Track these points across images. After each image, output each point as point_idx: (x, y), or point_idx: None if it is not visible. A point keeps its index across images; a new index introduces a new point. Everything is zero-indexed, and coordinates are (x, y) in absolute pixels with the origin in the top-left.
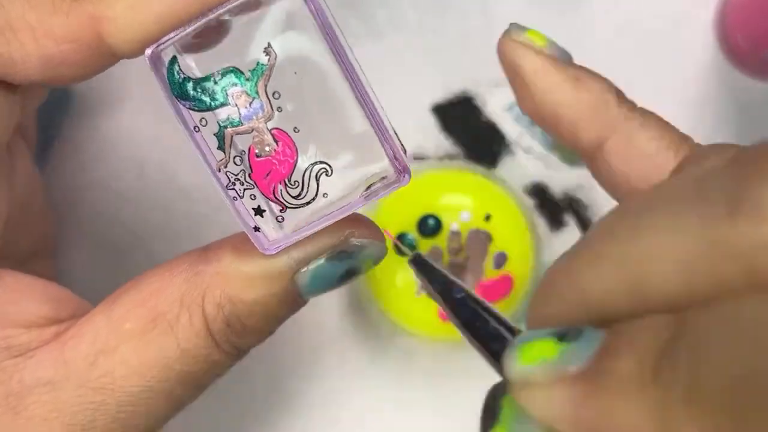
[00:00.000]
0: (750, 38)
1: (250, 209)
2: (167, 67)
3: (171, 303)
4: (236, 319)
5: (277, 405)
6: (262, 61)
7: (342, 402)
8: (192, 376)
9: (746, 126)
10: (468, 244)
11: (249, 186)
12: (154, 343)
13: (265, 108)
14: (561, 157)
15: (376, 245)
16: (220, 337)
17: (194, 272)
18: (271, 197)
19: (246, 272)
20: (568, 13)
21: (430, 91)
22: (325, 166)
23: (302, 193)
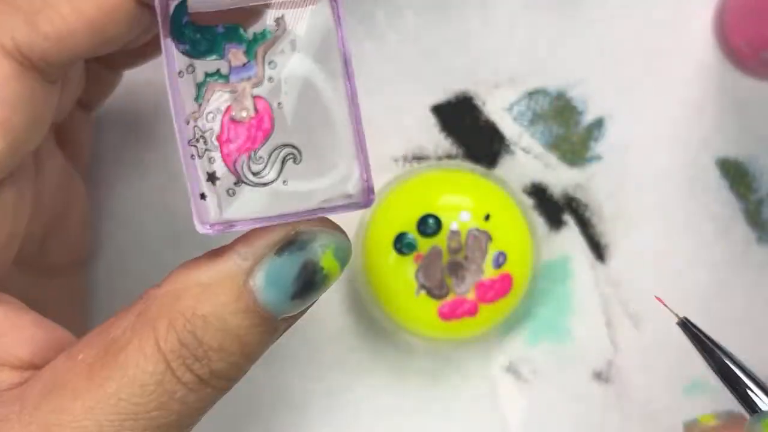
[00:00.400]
0: (748, 39)
1: (204, 172)
2: (174, 9)
3: (123, 329)
4: (190, 336)
5: (276, 404)
6: (269, 29)
7: (341, 401)
8: (143, 411)
9: (746, 126)
10: (468, 244)
11: (212, 147)
12: (102, 373)
13: (258, 73)
14: (560, 157)
15: (330, 233)
16: (175, 361)
17: (147, 298)
18: (230, 165)
19: (195, 280)
20: (567, 13)
21: (429, 91)
22: (295, 152)
23: (263, 172)
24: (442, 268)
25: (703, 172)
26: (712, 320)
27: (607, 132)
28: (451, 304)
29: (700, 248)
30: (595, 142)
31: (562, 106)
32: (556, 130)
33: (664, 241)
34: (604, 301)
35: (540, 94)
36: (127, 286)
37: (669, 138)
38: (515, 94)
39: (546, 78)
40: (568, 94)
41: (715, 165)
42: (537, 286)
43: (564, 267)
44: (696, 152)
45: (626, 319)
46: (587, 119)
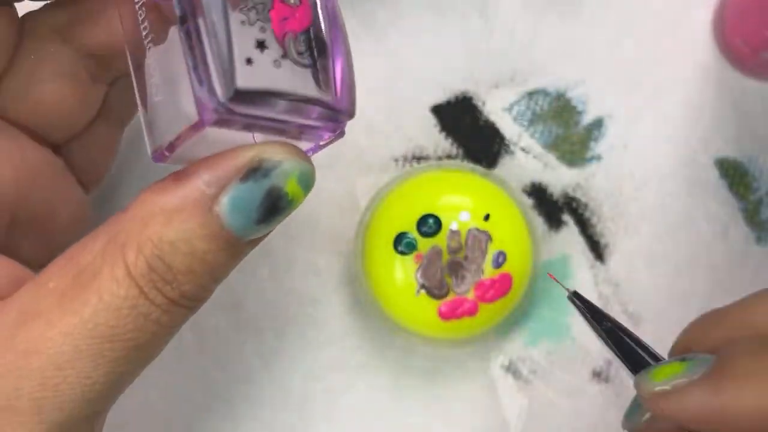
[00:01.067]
0: (748, 39)
1: (254, 39)
2: None
3: (92, 256)
4: (159, 261)
5: (276, 403)
6: None
7: (341, 401)
8: (120, 333)
9: (745, 126)
10: (467, 244)
11: (263, 20)
12: (76, 300)
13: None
14: (559, 157)
15: (294, 160)
16: (145, 284)
17: (114, 224)
18: (280, 38)
19: (161, 206)
20: (567, 14)
21: (429, 91)
22: (323, 47)
23: (304, 53)
24: (441, 267)
25: (702, 172)
26: None
27: (607, 132)
28: (450, 303)
29: (699, 248)
30: (594, 143)
31: (561, 106)
32: (555, 130)
33: (663, 241)
34: (604, 301)
35: (540, 95)
36: None
37: (668, 138)
38: (515, 95)
39: (546, 78)
40: (568, 94)
41: (715, 165)
42: (537, 286)
43: (563, 267)
44: (695, 152)
45: (625, 319)
46: (587, 119)
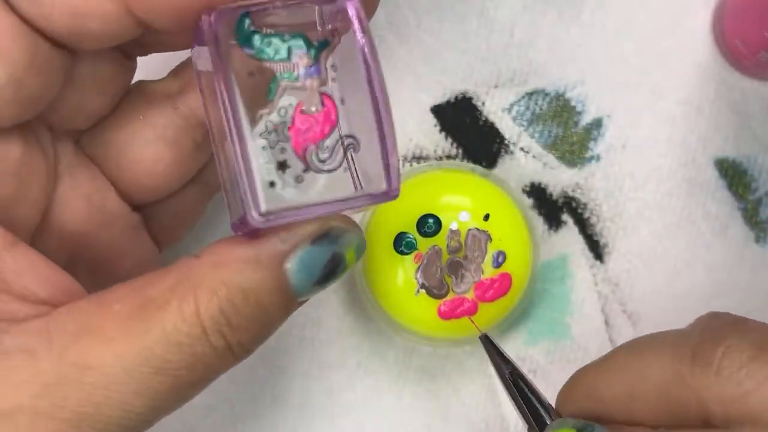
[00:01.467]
0: (746, 40)
1: (275, 161)
2: (237, 20)
3: (162, 290)
4: (230, 304)
5: (276, 402)
6: (328, 38)
7: (341, 401)
8: (172, 367)
9: (744, 126)
10: (467, 244)
11: (283, 139)
12: (138, 325)
13: (322, 74)
14: (559, 157)
15: (356, 232)
16: (211, 327)
17: (187, 266)
18: (301, 154)
19: (238, 255)
20: (566, 14)
21: (429, 92)
22: (355, 142)
23: (329, 160)
24: (441, 267)
25: (701, 172)
26: None
27: (606, 132)
28: (450, 303)
29: (698, 248)
30: (594, 142)
31: (561, 106)
32: (555, 130)
33: (662, 240)
34: (603, 301)
35: (539, 95)
36: None
37: (667, 138)
38: (514, 95)
39: (545, 78)
40: (567, 94)
41: (714, 165)
42: (536, 286)
43: (563, 266)
44: (694, 152)
45: (625, 319)
46: (586, 119)
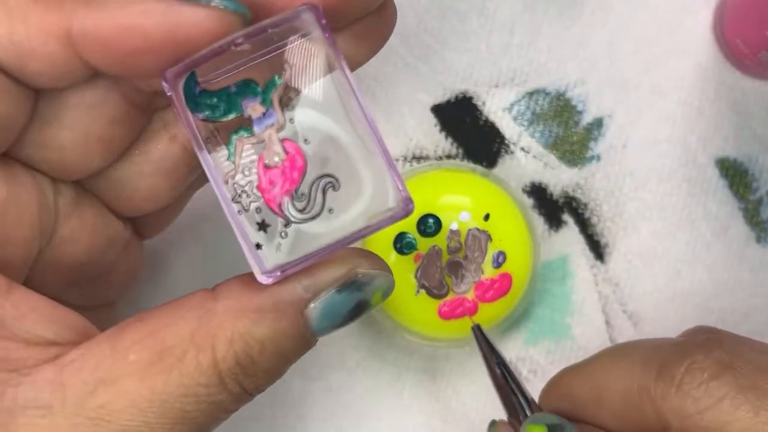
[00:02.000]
0: (747, 40)
1: (254, 224)
2: (185, 82)
3: (180, 338)
4: (248, 357)
5: (276, 402)
6: (278, 75)
7: (342, 400)
8: (191, 417)
9: (744, 126)
10: (467, 244)
11: (254, 199)
12: (156, 378)
13: (278, 118)
14: (560, 157)
15: (385, 276)
16: (228, 376)
17: (204, 310)
18: (276, 210)
19: (257, 304)
20: (566, 13)
21: (429, 91)
22: (332, 179)
23: (308, 207)
24: (441, 267)
25: (702, 171)
26: (711, 320)
27: (607, 132)
28: (450, 303)
29: (699, 248)
30: (594, 142)
31: (561, 106)
32: (555, 130)
33: (663, 240)
34: (604, 301)
35: (540, 94)
36: None
37: (668, 138)
38: (515, 94)
39: (546, 78)
40: (568, 94)
41: (714, 165)
42: (536, 286)
43: (563, 266)
44: (695, 152)
45: (625, 319)
46: (587, 119)
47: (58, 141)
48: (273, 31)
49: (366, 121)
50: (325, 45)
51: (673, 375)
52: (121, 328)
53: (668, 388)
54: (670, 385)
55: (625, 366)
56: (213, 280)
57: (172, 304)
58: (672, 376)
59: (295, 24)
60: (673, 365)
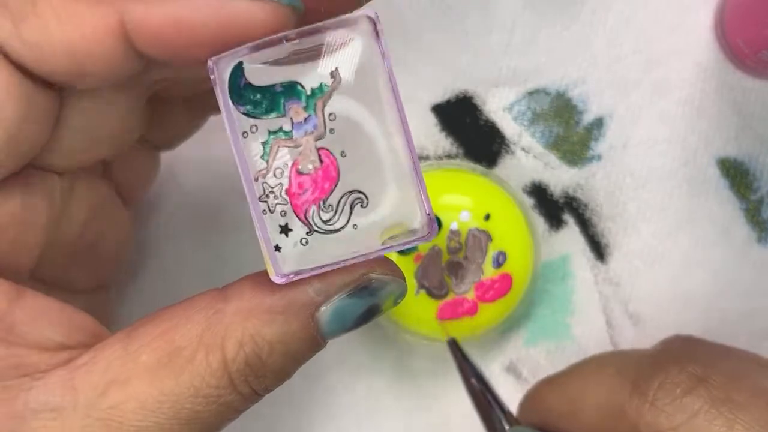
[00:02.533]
0: (748, 38)
1: (277, 225)
2: (231, 72)
3: (189, 339)
4: (257, 358)
5: (276, 402)
6: (325, 83)
7: (342, 401)
8: (202, 417)
9: (745, 125)
10: (467, 244)
11: (282, 202)
12: (167, 380)
13: (318, 126)
14: (560, 157)
15: (397, 283)
16: (237, 378)
17: (214, 310)
18: (302, 217)
19: (268, 305)
20: (567, 13)
21: (429, 91)
22: (362, 196)
23: (333, 219)
24: (441, 267)
25: (702, 171)
26: (712, 320)
27: (607, 131)
28: (450, 303)
29: (699, 248)
30: (595, 142)
31: (562, 105)
32: (556, 129)
33: (663, 240)
34: (604, 301)
35: (540, 94)
36: None
37: (669, 137)
38: (515, 94)
39: (546, 77)
40: (568, 93)
41: (715, 164)
42: (537, 286)
43: (564, 267)
44: (696, 152)
45: (626, 319)
46: (587, 119)
47: (69, 143)
48: (328, 32)
49: (405, 140)
50: (377, 56)
51: (646, 391)
52: (131, 330)
53: (642, 404)
54: (644, 401)
55: (600, 380)
56: (216, 279)
57: (182, 305)
58: (645, 391)
59: (350, 28)
60: (646, 381)
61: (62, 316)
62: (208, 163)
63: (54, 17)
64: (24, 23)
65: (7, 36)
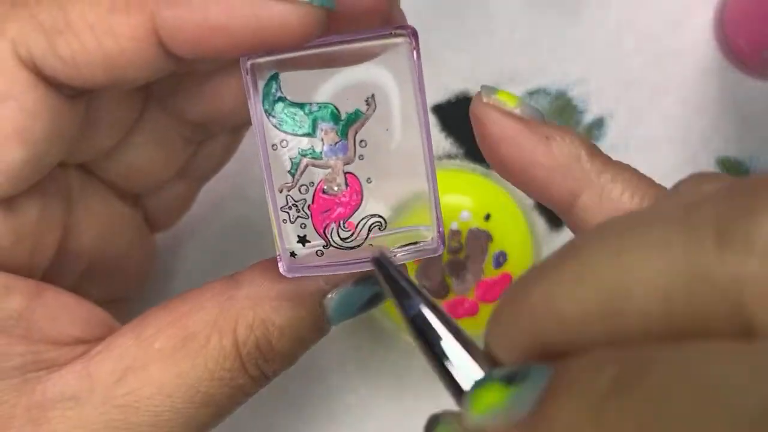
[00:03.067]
0: (749, 39)
1: (295, 235)
2: (266, 81)
3: (203, 324)
4: (267, 342)
5: (276, 404)
6: (360, 110)
7: (342, 401)
8: (215, 400)
9: (746, 125)
10: (468, 244)
11: (303, 215)
12: (182, 364)
13: (349, 152)
14: None
15: None
16: (248, 361)
17: (226, 297)
18: (320, 232)
19: (278, 292)
20: (567, 13)
21: (429, 91)
22: (381, 221)
23: (351, 238)
24: (442, 267)
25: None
26: None
27: (608, 131)
28: (451, 303)
29: None
30: (595, 142)
31: (562, 105)
32: None
33: None
34: None
35: (540, 94)
36: None
37: (669, 137)
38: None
39: (546, 77)
40: (569, 93)
41: (716, 164)
42: None
43: None
44: (696, 151)
45: None
46: (588, 119)
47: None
48: (366, 43)
49: (428, 161)
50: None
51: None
52: (143, 318)
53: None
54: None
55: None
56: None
57: (193, 292)
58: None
59: (387, 42)
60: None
61: (80, 311)
62: None
63: (89, 31)
64: (59, 38)
65: (41, 53)
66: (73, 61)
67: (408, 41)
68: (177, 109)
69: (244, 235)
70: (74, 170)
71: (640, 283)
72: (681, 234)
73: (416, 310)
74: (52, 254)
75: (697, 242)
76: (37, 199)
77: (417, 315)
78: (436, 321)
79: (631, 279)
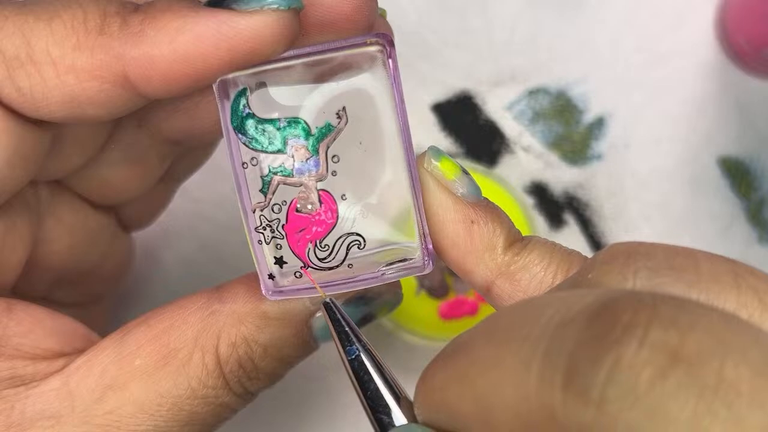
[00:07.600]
0: (750, 38)
1: (272, 257)
2: (234, 98)
3: (184, 341)
4: (249, 360)
5: (276, 403)
6: (332, 123)
7: (342, 401)
8: (200, 418)
9: (747, 125)
10: None
11: (278, 236)
12: (164, 382)
13: (321, 168)
14: (561, 156)
15: (393, 293)
16: (231, 379)
17: (209, 311)
18: (296, 252)
19: (262, 310)
20: (567, 12)
21: (430, 90)
22: (359, 239)
23: (329, 258)
24: (442, 267)
25: (704, 171)
26: None
27: (608, 131)
28: (451, 303)
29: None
30: (595, 141)
31: (562, 105)
32: (556, 129)
33: (665, 240)
34: None
35: (540, 93)
36: None
37: (670, 137)
38: (516, 93)
39: (547, 77)
40: (569, 92)
41: (716, 164)
42: None
43: None
44: (697, 151)
45: None
46: (588, 118)
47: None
48: (339, 53)
49: (410, 174)
50: (385, 77)
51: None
52: (124, 333)
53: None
54: (587, 404)
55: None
56: (209, 275)
57: (175, 306)
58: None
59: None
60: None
61: (54, 324)
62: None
63: (51, 67)
64: (19, 71)
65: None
66: (31, 93)
67: (383, 50)
68: (153, 127)
69: (223, 239)
70: (44, 184)
71: (502, 407)
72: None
73: (355, 355)
74: (20, 269)
75: (550, 376)
76: (1, 218)
77: (355, 359)
78: (371, 367)
79: (496, 399)
